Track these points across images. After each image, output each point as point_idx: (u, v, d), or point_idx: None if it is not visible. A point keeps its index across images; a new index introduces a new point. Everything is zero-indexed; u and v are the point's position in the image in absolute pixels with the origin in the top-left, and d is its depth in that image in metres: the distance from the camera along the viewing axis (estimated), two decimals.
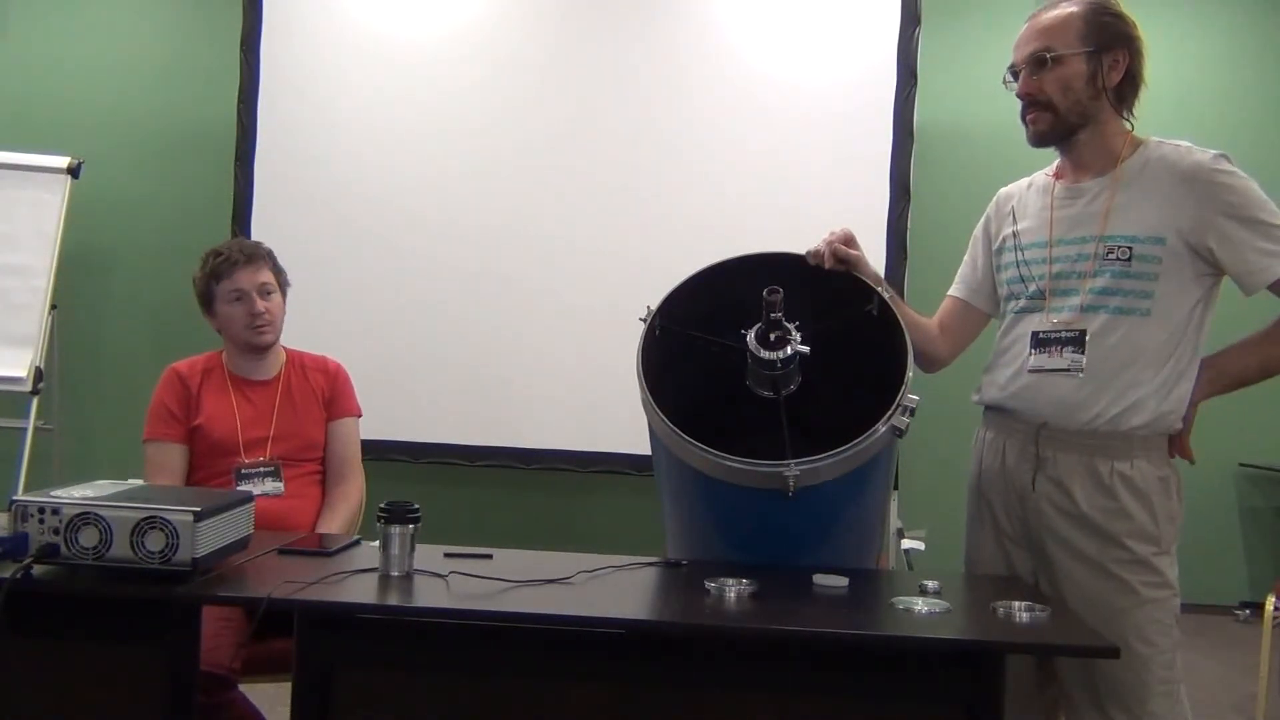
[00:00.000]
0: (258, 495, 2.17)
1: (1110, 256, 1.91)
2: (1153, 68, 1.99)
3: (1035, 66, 1.95)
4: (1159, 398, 1.90)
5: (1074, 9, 1.94)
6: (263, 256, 2.54)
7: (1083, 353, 1.93)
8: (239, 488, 2.40)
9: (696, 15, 4.47)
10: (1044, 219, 2.02)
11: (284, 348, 2.61)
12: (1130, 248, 1.90)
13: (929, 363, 2.18)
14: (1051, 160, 2.07)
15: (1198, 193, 1.87)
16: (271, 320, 2.50)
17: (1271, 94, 5.06)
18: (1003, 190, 2.18)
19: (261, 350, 2.52)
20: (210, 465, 2.44)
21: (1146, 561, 1.89)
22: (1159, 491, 1.91)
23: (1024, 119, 1.99)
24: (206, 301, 2.53)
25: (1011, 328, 2.06)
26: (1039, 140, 2.00)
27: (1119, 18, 1.94)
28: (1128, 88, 1.95)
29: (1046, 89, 1.94)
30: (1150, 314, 1.90)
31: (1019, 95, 1.98)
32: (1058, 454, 1.95)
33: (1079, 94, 1.93)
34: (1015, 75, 1.99)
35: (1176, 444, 1.94)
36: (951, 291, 2.23)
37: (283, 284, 2.58)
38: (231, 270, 2.48)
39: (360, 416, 2.62)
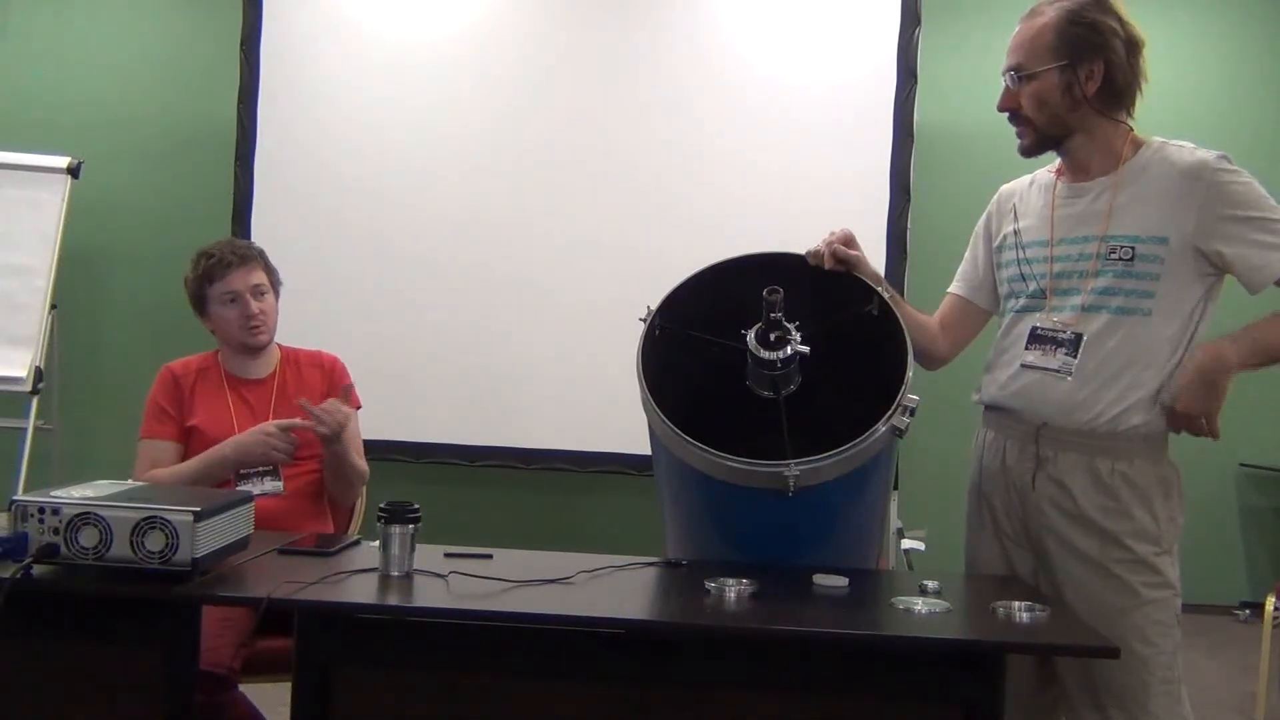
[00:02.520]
0: (257, 495, 2.17)
1: (1112, 256, 1.91)
2: (1151, 67, 1.97)
3: (1012, 81, 1.96)
4: (1160, 396, 1.89)
5: (1045, 20, 1.92)
6: (255, 257, 2.53)
7: (1075, 356, 1.93)
8: (239, 487, 2.40)
9: (697, 15, 4.47)
10: (1045, 218, 2.02)
11: (279, 345, 2.61)
12: (1133, 248, 1.89)
13: (929, 360, 2.18)
14: (1054, 158, 2.06)
15: (1200, 193, 1.86)
16: (266, 321, 2.50)
17: (1272, 94, 5.06)
18: (1004, 187, 2.17)
19: (256, 351, 2.53)
20: None
21: (1147, 561, 1.89)
22: (1159, 491, 1.91)
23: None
24: (199, 303, 2.53)
25: (1012, 327, 2.06)
26: (1025, 153, 2.01)
27: (1090, 27, 1.90)
28: (1110, 94, 1.93)
29: (1022, 104, 1.95)
30: (1152, 314, 1.89)
31: (998, 109, 1.99)
32: (1058, 453, 1.94)
33: (1055, 108, 1.93)
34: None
35: (1184, 419, 1.87)
36: (952, 288, 2.23)
37: (275, 283, 2.57)
38: (225, 272, 2.48)
39: (360, 408, 2.62)
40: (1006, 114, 1.99)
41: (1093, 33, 1.90)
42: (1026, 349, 1.99)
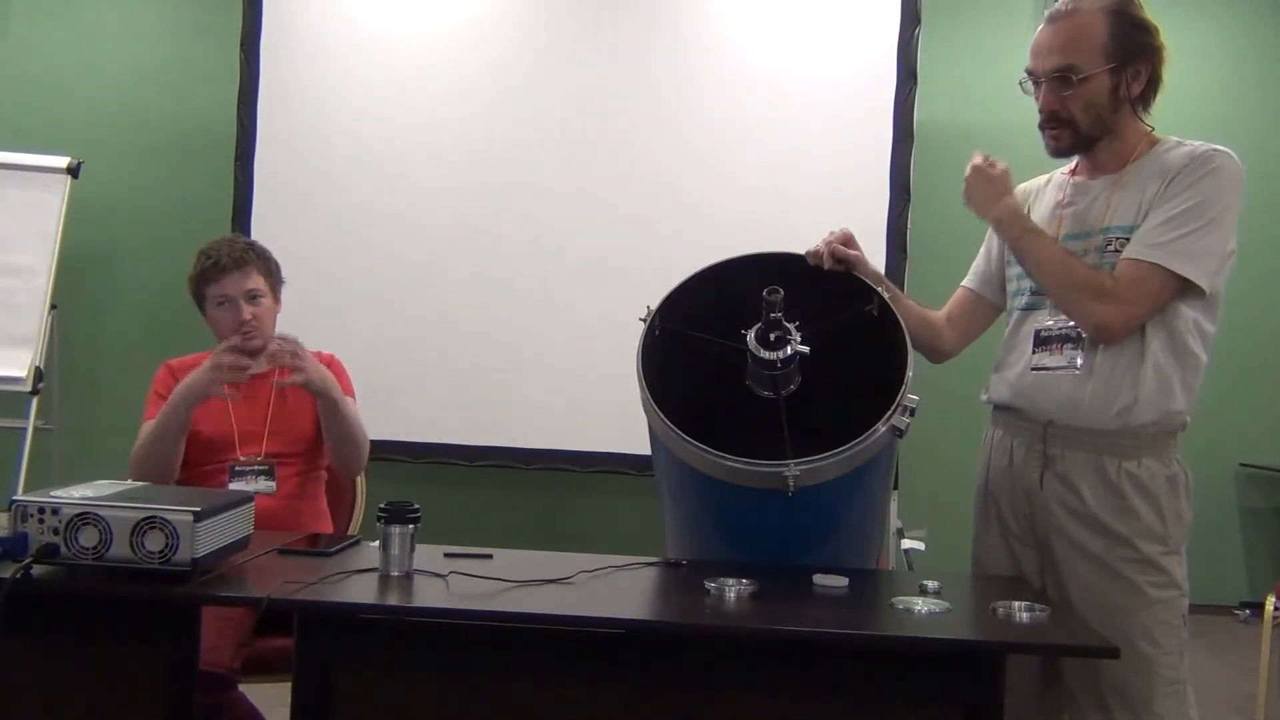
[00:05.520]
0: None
1: (1109, 249, 1.90)
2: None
3: (1058, 84, 1.90)
4: (1165, 395, 1.89)
5: (1091, 20, 1.87)
6: (251, 261, 2.51)
7: (1081, 349, 1.93)
8: (231, 485, 2.40)
9: (697, 15, 4.47)
10: (1054, 216, 2.02)
11: None
12: (1128, 239, 1.89)
13: (934, 353, 2.18)
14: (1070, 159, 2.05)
15: (1171, 175, 1.86)
16: (259, 327, 2.48)
17: (1272, 94, 5.07)
18: (1021, 186, 2.14)
19: (251, 355, 2.53)
20: (205, 461, 2.45)
21: (1153, 561, 1.89)
22: (1166, 491, 1.90)
23: (1042, 130, 1.95)
24: (198, 301, 2.54)
25: (1019, 325, 2.06)
26: (1059, 153, 1.98)
27: (1141, 28, 1.88)
28: (1149, 93, 1.92)
29: (1070, 107, 1.90)
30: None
31: (1040, 110, 1.94)
32: (1065, 452, 1.94)
33: (1101, 109, 1.90)
34: (1035, 81, 1.94)
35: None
36: (964, 282, 2.22)
37: (275, 285, 2.56)
38: (219, 276, 2.46)
39: (353, 398, 2.63)
40: (1042, 115, 1.94)
41: (1143, 33, 1.88)
42: (1034, 351, 1.99)
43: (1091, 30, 1.87)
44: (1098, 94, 1.89)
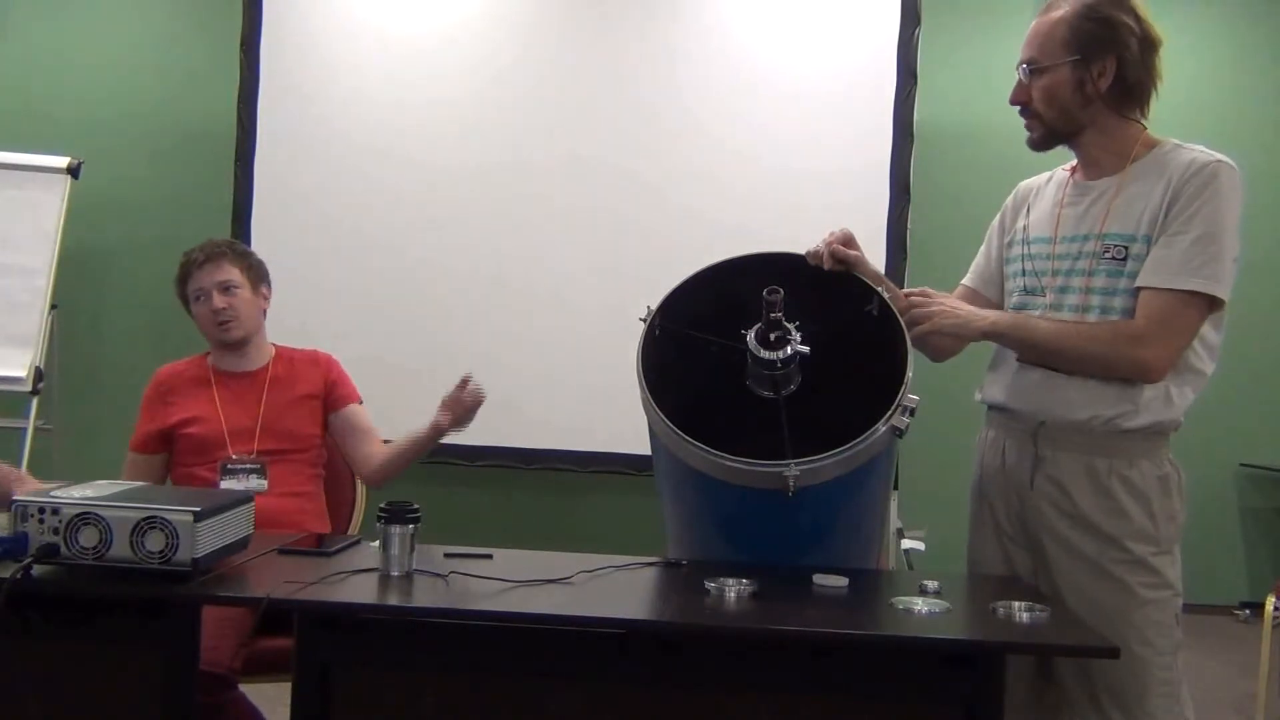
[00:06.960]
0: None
1: (1106, 256, 1.91)
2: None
3: (1024, 75, 1.96)
4: (1158, 401, 1.89)
5: (1060, 15, 1.92)
6: (225, 253, 2.55)
7: None
8: (222, 483, 2.40)
9: (697, 15, 4.47)
10: (1052, 215, 2.02)
11: (274, 345, 2.62)
12: (1126, 247, 1.89)
13: (936, 351, 2.18)
14: (1072, 155, 2.05)
15: (1173, 189, 1.86)
16: (235, 316, 2.51)
17: (1271, 93, 5.07)
18: (1024, 183, 2.16)
19: (231, 347, 2.53)
20: (195, 461, 2.46)
21: (1145, 562, 1.89)
22: (1158, 491, 1.90)
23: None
24: (186, 305, 2.58)
25: None
26: (1034, 147, 2.01)
27: (1104, 23, 1.89)
28: (1122, 92, 1.92)
29: (1033, 98, 1.95)
30: None
31: (1010, 102, 1.99)
32: (1056, 453, 1.94)
33: (1065, 103, 1.92)
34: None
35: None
36: (964, 280, 2.22)
37: (255, 278, 2.58)
38: (193, 271, 2.53)
39: (360, 402, 2.64)
40: (1018, 107, 1.98)
41: (1106, 29, 1.89)
42: None
43: (1057, 25, 1.92)
44: (1059, 87, 1.92)
